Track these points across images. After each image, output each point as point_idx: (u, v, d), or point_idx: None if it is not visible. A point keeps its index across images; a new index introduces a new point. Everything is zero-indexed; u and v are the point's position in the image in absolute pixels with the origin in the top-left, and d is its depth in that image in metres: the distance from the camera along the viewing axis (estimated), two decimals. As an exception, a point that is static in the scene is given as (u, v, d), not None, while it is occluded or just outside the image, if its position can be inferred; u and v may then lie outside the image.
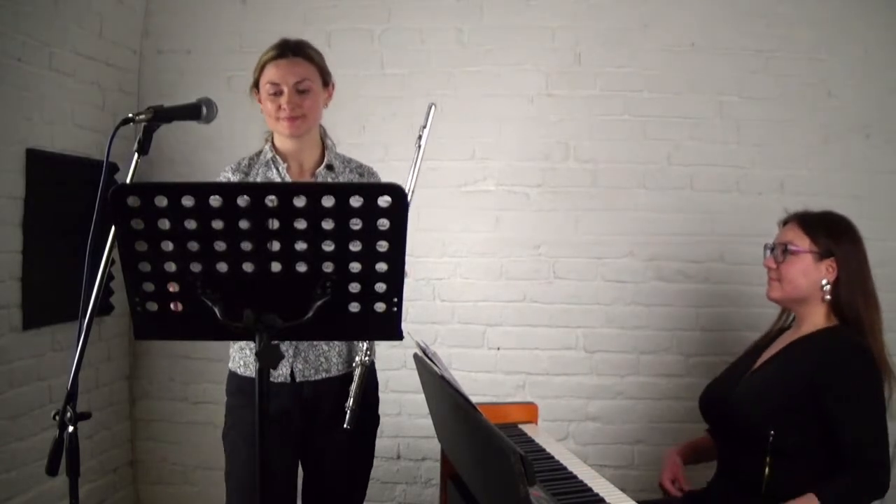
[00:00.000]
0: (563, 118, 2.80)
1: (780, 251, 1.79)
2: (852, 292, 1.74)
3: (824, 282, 1.75)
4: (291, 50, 1.85)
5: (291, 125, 1.82)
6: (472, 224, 2.82)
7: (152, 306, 1.22)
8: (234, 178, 1.89)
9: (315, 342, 1.86)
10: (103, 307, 2.62)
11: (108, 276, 1.40)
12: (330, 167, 1.91)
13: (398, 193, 1.14)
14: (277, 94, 1.82)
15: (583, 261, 2.80)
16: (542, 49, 2.79)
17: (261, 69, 1.86)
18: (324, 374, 1.87)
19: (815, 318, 1.78)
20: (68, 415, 1.26)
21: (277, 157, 1.88)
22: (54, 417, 1.27)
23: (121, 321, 2.81)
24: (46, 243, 2.33)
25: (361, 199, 1.13)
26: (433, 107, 1.82)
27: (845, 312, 1.74)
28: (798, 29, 2.74)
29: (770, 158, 2.76)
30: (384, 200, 1.14)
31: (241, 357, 1.89)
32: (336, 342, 1.87)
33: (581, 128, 2.79)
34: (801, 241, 1.77)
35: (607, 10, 2.78)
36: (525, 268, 2.82)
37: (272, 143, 1.91)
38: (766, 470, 1.65)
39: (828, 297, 1.75)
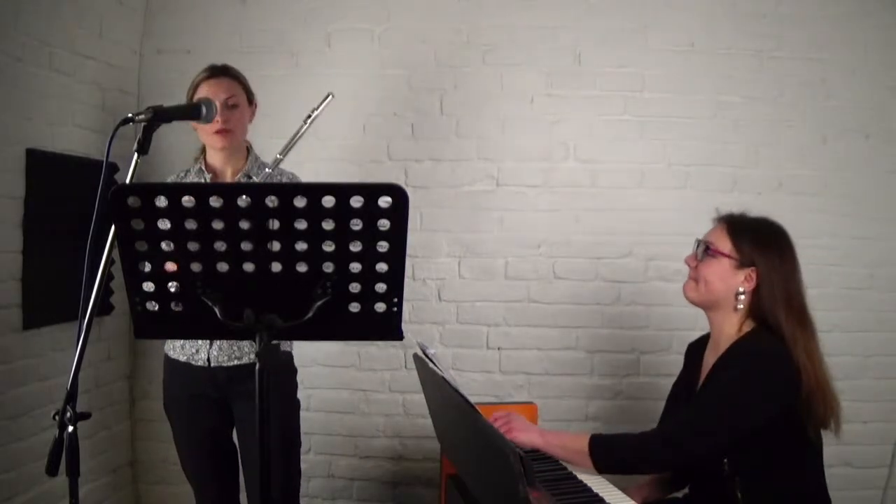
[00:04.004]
0: (563, 118, 2.80)
1: (703, 250, 1.73)
2: (774, 304, 1.65)
3: (741, 290, 1.67)
4: (222, 71, 2.08)
5: (223, 138, 2.01)
6: (472, 224, 2.82)
7: (152, 306, 1.22)
8: None
9: None
10: (103, 307, 2.62)
11: (108, 276, 1.40)
12: (248, 176, 2.07)
13: (399, 194, 1.14)
14: None
15: (583, 261, 2.80)
16: (542, 49, 2.79)
17: (194, 89, 2.05)
18: (236, 361, 2.04)
19: (728, 329, 1.71)
20: (68, 415, 1.26)
21: (204, 169, 2.08)
22: (54, 417, 1.26)
23: (121, 321, 2.81)
24: (46, 243, 2.33)
25: (362, 200, 1.13)
26: (330, 96, 1.97)
27: (769, 322, 1.66)
28: (798, 29, 2.75)
29: (769, 158, 2.76)
30: (384, 201, 1.14)
31: (170, 341, 2.12)
32: None
33: (581, 128, 2.79)
34: (723, 244, 1.70)
35: (607, 10, 2.78)
36: (525, 268, 2.82)
37: (203, 157, 2.10)
38: (738, 494, 1.62)
39: (740, 306, 1.68)
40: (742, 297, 1.68)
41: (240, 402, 2.07)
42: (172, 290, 1.21)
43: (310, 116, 1.94)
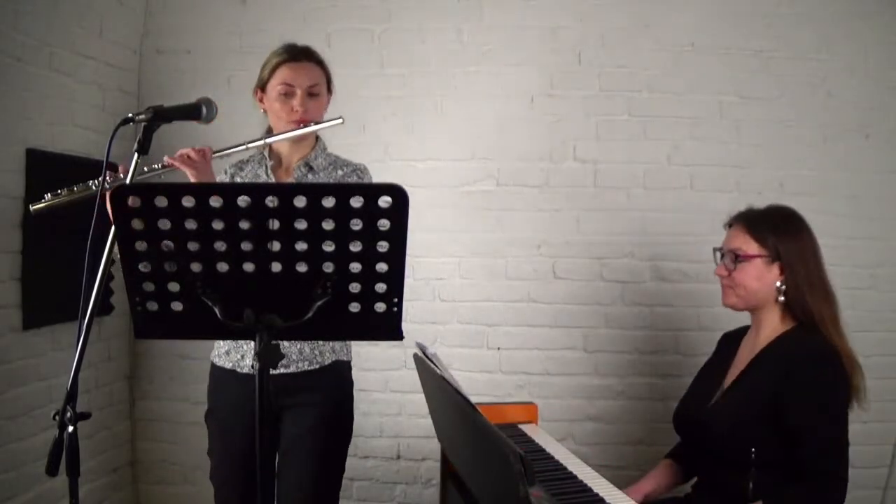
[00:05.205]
0: (563, 118, 2.80)
1: (731, 259, 1.75)
2: (798, 287, 1.71)
3: (778, 283, 1.72)
4: (304, 54, 1.89)
5: (299, 127, 1.85)
6: (472, 224, 2.82)
7: (152, 306, 1.22)
8: (229, 173, 1.97)
9: None
10: (103, 307, 2.62)
11: (108, 276, 1.40)
12: (309, 166, 1.92)
13: (399, 194, 1.14)
14: (289, 95, 1.85)
15: (583, 261, 2.80)
16: (542, 49, 2.79)
17: (272, 70, 1.88)
18: (282, 370, 1.83)
19: (772, 322, 1.75)
20: (68, 415, 1.25)
21: (267, 155, 1.92)
22: (54, 417, 1.26)
23: (121, 321, 2.81)
24: (46, 243, 2.33)
25: (362, 200, 1.13)
26: (341, 119, 1.86)
27: (795, 310, 1.72)
28: (798, 29, 2.75)
29: (770, 158, 2.76)
30: (384, 201, 1.14)
31: (216, 348, 1.97)
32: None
33: (581, 128, 2.79)
34: (749, 247, 1.74)
35: (607, 10, 2.78)
36: (525, 268, 2.82)
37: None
38: (750, 485, 1.63)
39: (781, 297, 1.72)
40: (783, 287, 1.72)
41: (288, 419, 1.87)
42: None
43: (307, 125, 1.84)
